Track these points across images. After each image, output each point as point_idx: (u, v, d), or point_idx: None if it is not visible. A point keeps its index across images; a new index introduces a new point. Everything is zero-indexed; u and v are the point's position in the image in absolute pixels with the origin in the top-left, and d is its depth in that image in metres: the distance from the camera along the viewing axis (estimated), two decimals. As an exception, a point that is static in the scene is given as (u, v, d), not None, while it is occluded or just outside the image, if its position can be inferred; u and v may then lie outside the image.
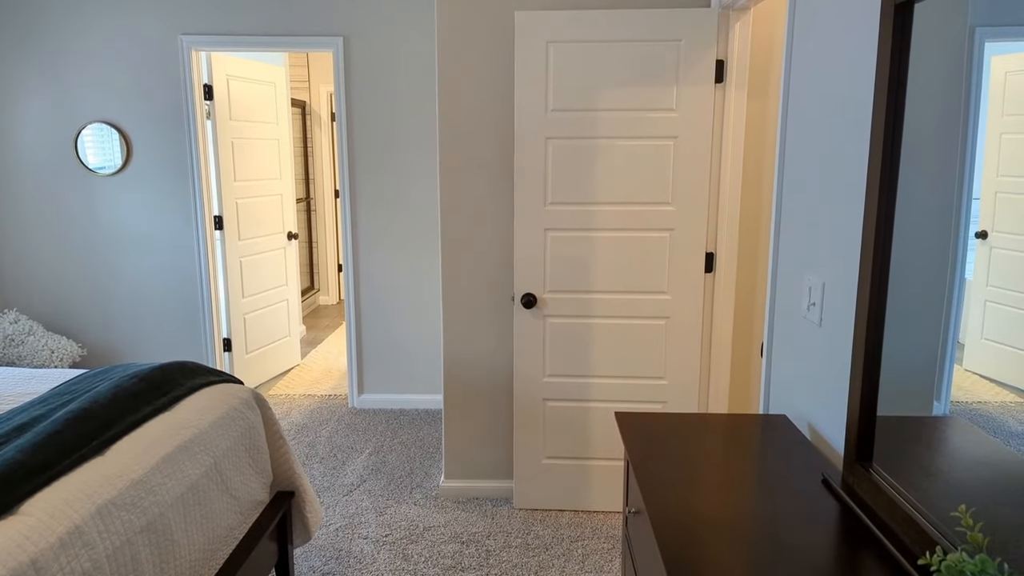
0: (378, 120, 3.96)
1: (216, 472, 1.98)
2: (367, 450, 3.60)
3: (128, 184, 4.11)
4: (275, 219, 4.79)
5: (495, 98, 2.83)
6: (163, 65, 3.96)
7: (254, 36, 3.90)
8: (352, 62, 3.91)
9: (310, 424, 3.95)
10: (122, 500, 1.58)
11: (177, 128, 4.04)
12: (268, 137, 4.68)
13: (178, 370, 2.21)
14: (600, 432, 2.93)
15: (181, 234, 4.15)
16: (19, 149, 4.08)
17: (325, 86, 6.65)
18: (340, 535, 2.79)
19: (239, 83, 4.35)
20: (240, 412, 2.22)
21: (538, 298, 2.84)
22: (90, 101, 4.02)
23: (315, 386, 4.60)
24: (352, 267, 4.12)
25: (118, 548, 1.52)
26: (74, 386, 2.08)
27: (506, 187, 2.89)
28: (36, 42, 3.96)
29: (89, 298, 4.25)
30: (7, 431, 1.73)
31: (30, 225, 4.17)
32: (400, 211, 4.05)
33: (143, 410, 1.93)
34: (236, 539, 2.06)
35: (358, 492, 3.15)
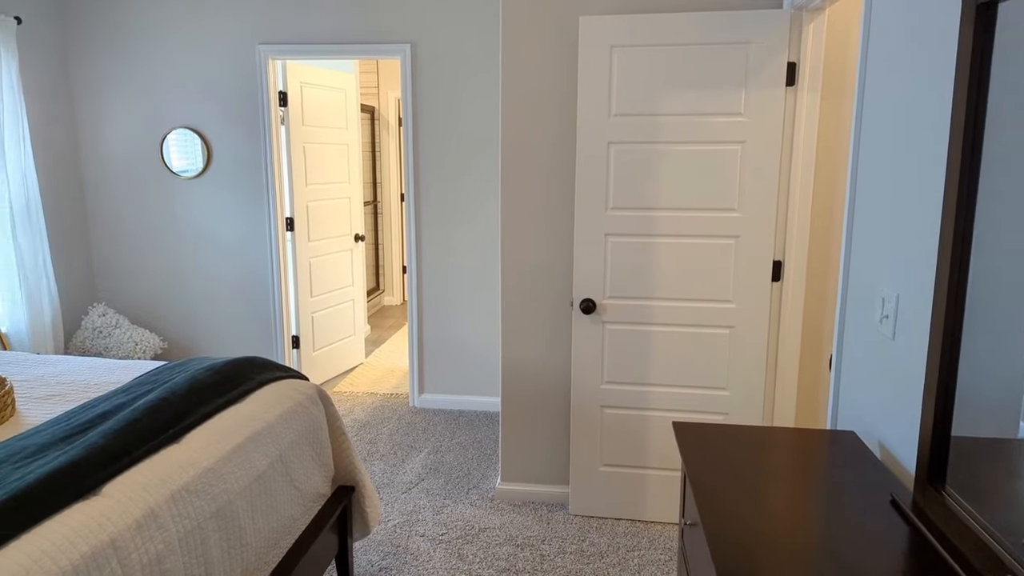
0: (443, 125, 4.03)
1: (281, 464, 2.05)
2: (426, 449, 3.66)
3: (208, 187, 4.31)
4: (343, 221, 4.93)
5: (557, 103, 2.83)
6: (242, 73, 4.14)
7: (327, 44, 4.03)
8: (419, 68, 3.99)
9: (372, 421, 4.04)
10: (194, 486, 1.66)
11: (254, 133, 4.21)
12: (338, 142, 4.83)
13: (248, 365, 2.30)
14: (659, 441, 2.89)
15: (255, 235, 4.33)
16: (110, 152, 4.34)
17: (393, 92, 6.80)
18: (398, 531, 2.85)
19: (312, 90, 4.51)
20: (305, 407, 2.29)
21: (597, 304, 2.83)
22: (176, 108, 4.24)
23: (378, 384, 4.70)
24: (415, 269, 4.19)
25: (189, 532, 1.59)
26: (154, 377, 2.20)
27: (567, 192, 2.89)
28: (129, 53, 4.20)
29: (170, 294, 4.47)
30: (92, 417, 1.84)
31: (118, 224, 4.43)
32: (463, 215, 4.10)
33: (216, 402, 2.02)
34: (299, 529, 2.13)
35: (416, 490, 3.21)
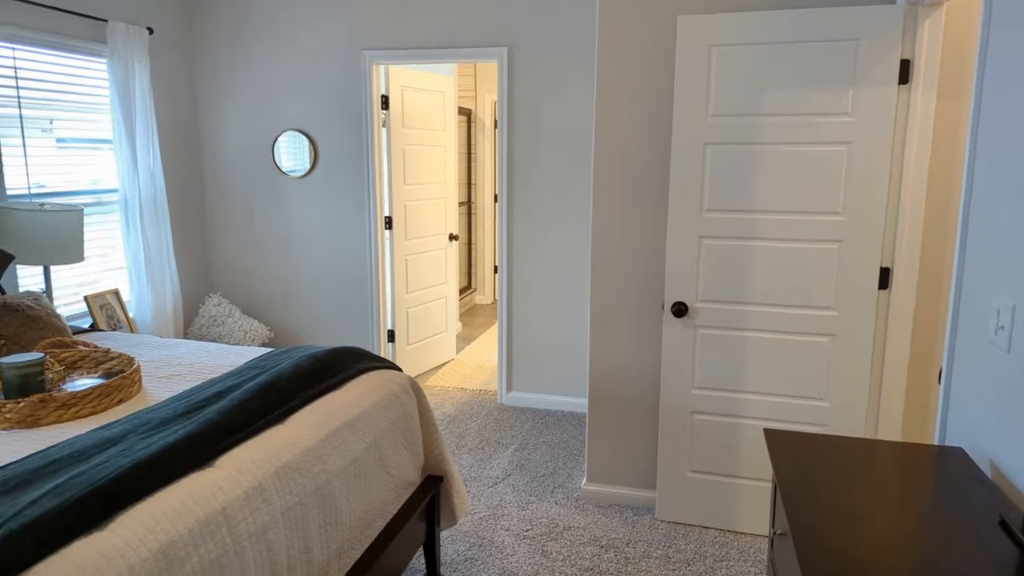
0: (537, 127, 4.07)
1: (375, 449, 2.15)
2: (513, 446, 3.71)
3: (314, 186, 4.54)
4: (438, 221, 5.07)
5: (652, 104, 2.81)
6: (348, 78, 4.34)
7: (427, 49, 4.16)
8: (515, 71, 4.05)
9: (461, 416, 4.13)
10: (297, 464, 1.77)
11: (357, 135, 4.40)
12: (436, 144, 4.97)
13: (347, 354, 2.42)
14: (752, 451, 2.81)
15: (356, 232, 4.52)
16: (227, 153, 4.65)
17: (490, 94, 6.92)
18: (483, 524, 2.91)
19: (412, 93, 4.66)
20: (398, 397, 2.38)
21: (689, 307, 2.78)
22: (287, 111, 4.49)
23: (467, 380, 4.80)
24: (506, 269, 4.26)
25: (291, 507, 1.70)
26: (262, 362, 2.35)
27: (660, 194, 2.86)
28: (246, 60, 4.50)
29: (277, 286, 4.74)
30: (208, 396, 1.99)
31: (233, 220, 4.74)
32: (554, 216, 4.13)
33: (317, 387, 2.14)
34: (390, 514, 2.22)
35: (502, 485, 3.26)
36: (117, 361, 2.28)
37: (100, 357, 2.30)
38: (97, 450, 1.57)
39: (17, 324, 2.30)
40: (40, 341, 2.32)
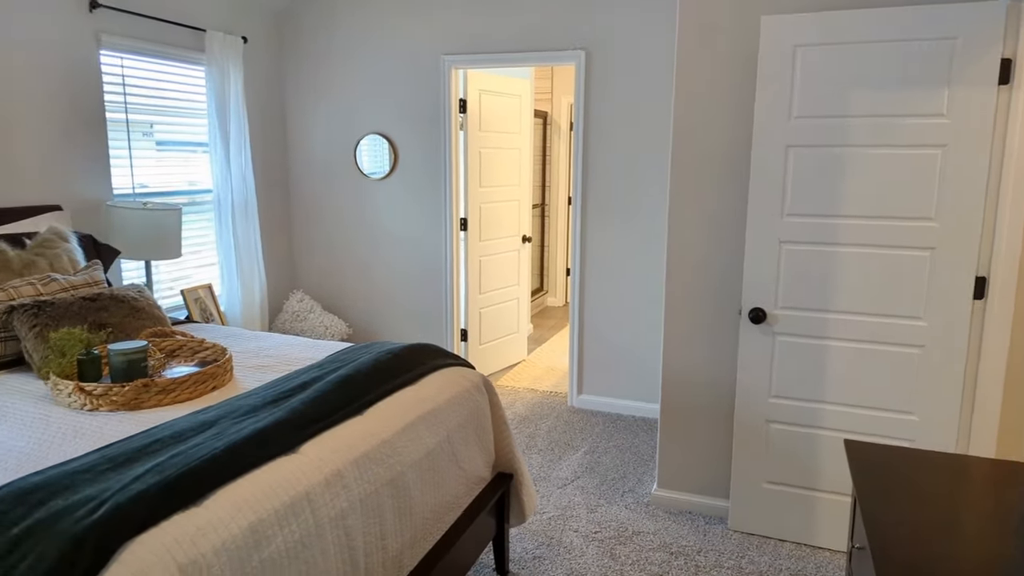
0: (613, 130, 4.06)
1: (448, 444, 2.20)
2: (582, 448, 3.71)
3: (393, 187, 4.67)
4: (512, 222, 5.12)
5: (732, 106, 2.76)
6: (427, 83, 4.45)
7: (506, 53, 4.22)
8: (592, 74, 4.05)
9: (531, 416, 4.16)
10: (374, 454, 1.83)
11: (435, 138, 4.50)
12: (511, 146, 5.02)
13: (422, 351, 2.49)
14: (832, 463, 2.71)
15: (432, 233, 4.62)
16: (312, 156, 4.85)
17: (566, 97, 6.93)
18: (552, 524, 2.92)
19: (489, 97, 4.73)
20: (471, 394, 2.43)
21: (768, 314, 2.71)
22: (369, 115, 4.64)
23: (538, 382, 4.83)
24: (579, 271, 4.26)
25: (369, 495, 1.77)
26: (342, 356, 2.44)
27: (738, 197, 2.81)
28: (332, 67, 4.67)
29: (356, 284, 4.90)
30: (293, 387, 2.08)
31: (316, 220, 4.93)
32: (628, 219, 4.10)
33: (394, 382, 2.21)
34: (461, 508, 2.27)
35: (571, 487, 3.26)
36: (211, 351, 2.42)
37: (196, 347, 2.45)
38: (193, 432, 1.68)
39: (123, 314, 2.48)
40: (143, 330, 2.49)
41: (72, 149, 3.37)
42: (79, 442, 1.70)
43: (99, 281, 2.69)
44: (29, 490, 1.35)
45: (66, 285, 2.55)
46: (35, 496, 1.33)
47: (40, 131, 3.22)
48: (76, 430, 1.77)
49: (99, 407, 1.92)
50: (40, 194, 3.24)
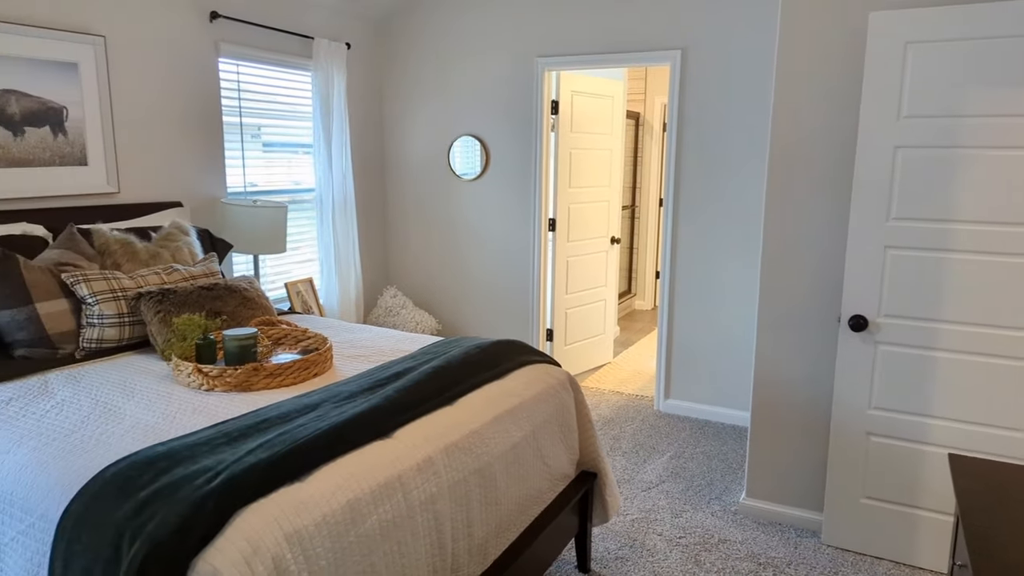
0: (708, 130, 3.98)
1: (533, 439, 2.24)
2: (668, 453, 3.66)
3: (483, 188, 4.77)
4: (601, 224, 5.11)
5: (833, 106, 2.66)
6: (520, 85, 4.51)
7: (599, 54, 4.22)
8: (688, 74, 3.99)
9: (616, 419, 4.14)
10: (463, 444, 1.89)
11: (526, 140, 4.56)
12: (602, 147, 5.02)
13: (510, 347, 2.54)
14: (937, 480, 2.57)
15: (520, 233, 4.68)
16: (408, 157, 5.02)
17: (660, 97, 6.84)
18: (635, 526, 2.91)
19: (582, 98, 4.75)
20: (557, 391, 2.46)
21: (870, 321, 2.60)
22: (462, 117, 4.76)
23: (624, 384, 4.80)
24: (669, 274, 4.20)
25: (457, 482, 1.83)
26: (434, 349, 2.52)
27: (838, 200, 2.70)
28: (428, 71, 4.82)
29: (447, 281, 5.03)
30: (388, 376, 2.18)
31: (410, 219, 5.10)
32: (721, 222, 4.01)
33: (482, 375, 2.27)
34: (544, 503, 2.30)
35: (656, 491, 3.23)
36: (313, 340, 2.56)
37: (299, 336, 2.60)
38: (298, 414, 1.79)
39: (235, 303, 2.66)
40: (253, 319, 2.66)
41: (192, 150, 3.64)
42: (197, 418, 1.85)
43: (215, 272, 2.90)
44: (155, 458, 1.48)
45: (186, 275, 2.76)
46: (160, 464, 1.46)
47: (165, 133, 3.50)
48: (194, 407, 1.93)
49: (214, 387, 2.08)
50: (163, 191, 3.52)
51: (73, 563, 1.32)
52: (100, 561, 1.29)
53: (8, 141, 2.84)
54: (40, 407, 1.89)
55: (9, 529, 1.53)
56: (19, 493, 1.53)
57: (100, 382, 2.11)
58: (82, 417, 1.82)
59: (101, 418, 1.82)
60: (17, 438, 1.70)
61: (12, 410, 1.87)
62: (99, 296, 2.43)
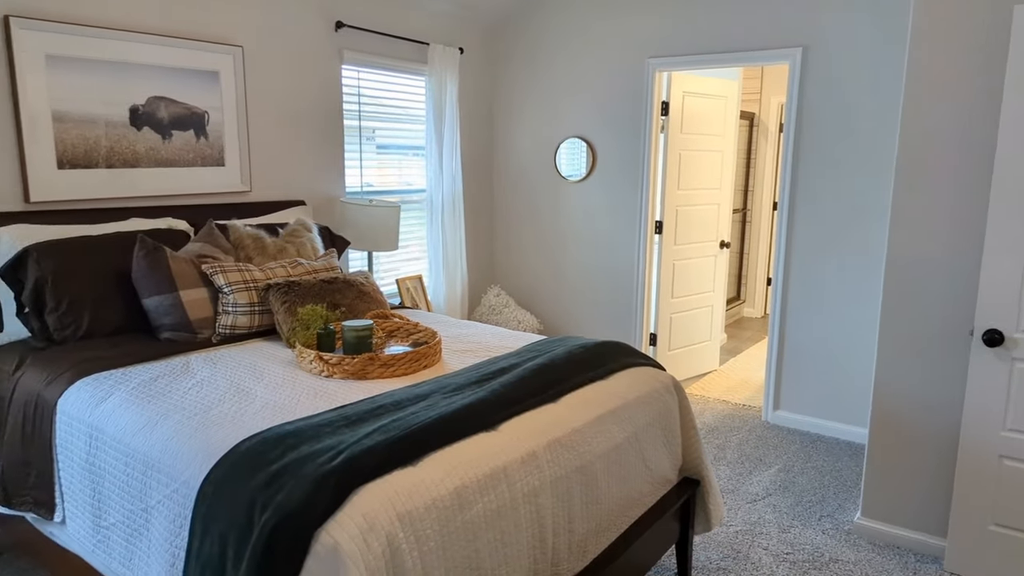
0: (828, 132, 3.80)
1: (636, 441, 2.23)
2: (776, 466, 3.53)
3: (589, 190, 4.77)
4: (710, 227, 4.98)
5: (968, 104, 2.48)
6: (629, 86, 4.48)
7: (713, 54, 4.13)
8: (808, 73, 3.83)
9: (721, 428, 4.04)
10: (566, 440, 1.92)
11: (634, 141, 4.52)
12: (713, 149, 4.90)
13: (614, 348, 2.54)
14: (1081, 513, 2.34)
15: (625, 235, 4.65)
16: (515, 159, 5.10)
17: (776, 97, 6.59)
18: (739, 538, 2.83)
19: (693, 99, 4.66)
20: (660, 394, 2.43)
21: (1006, 337, 2.40)
22: (570, 119, 4.79)
23: (730, 393, 4.66)
24: (782, 281, 4.05)
25: (559, 478, 1.86)
26: (537, 347, 2.56)
27: (972, 205, 2.51)
28: (537, 74, 4.88)
29: (549, 282, 5.08)
30: (494, 371, 2.24)
31: (515, 219, 5.18)
32: (840, 227, 3.82)
33: (586, 375, 2.28)
34: (645, 506, 2.29)
35: (762, 504, 3.13)
36: (423, 334, 2.67)
37: (410, 329, 2.71)
38: (409, 403, 1.88)
39: (353, 296, 2.82)
40: (368, 311, 2.81)
41: (315, 152, 3.88)
42: (318, 401, 1.98)
43: (335, 267, 3.08)
44: (284, 436, 1.61)
45: (309, 269, 2.95)
46: (288, 441, 1.58)
47: (292, 136, 3.75)
48: (315, 391, 2.06)
49: (333, 374, 2.21)
50: (289, 191, 3.77)
51: (211, 527, 1.46)
52: (235, 527, 1.41)
53: (158, 144, 3.13)
54: (183, 385, 2.09)
55: (156, 492, 1.70)
56: (165, 461, 1.70)
57: (233, 365, 2.29)
58: (219, 395, 2.00)
59: (235, 397, 1.99)
60: (164, 411, 1.88)
61: (159, 386, 2.07)
62: (234, 286, 2.64)
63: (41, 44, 2.69)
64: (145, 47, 3.02)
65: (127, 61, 2.96)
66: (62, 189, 2.82)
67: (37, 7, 2.68)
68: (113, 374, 2.15)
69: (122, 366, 2.22)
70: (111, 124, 2.94)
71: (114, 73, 2.92)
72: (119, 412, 1.91)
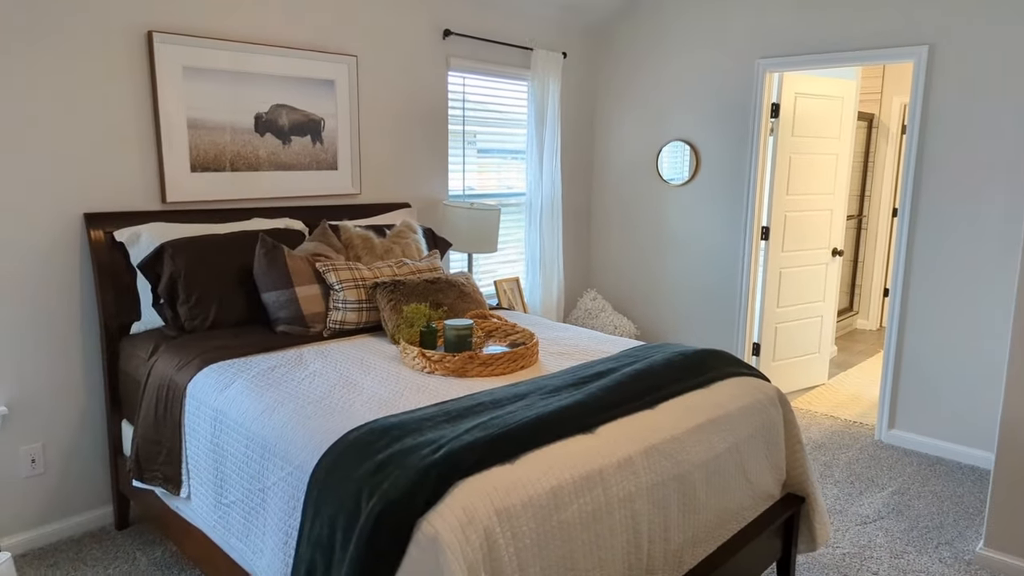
0: (959, 134, 3.54)
1: (736, 452, 2.17)
2: (890, 488, 3.32)
3: (691, 194, 4.67)
4: (821, 234, 4.76)
5: None
6: (737, 87, 4.35)
7: (829, 53, 3.94)
8: (935, 72, 3.59)
9: (828, 445, 3.84)
10: (663, 448, 1.89)
11: (741, 144, 4.39)
12: (827, 152, 4.67)
13: (716, 356, 2.47)
14: None
15: (728, 241, 4.51)
16: (615, 162, 5.06)
17: (899, 97, 6.21)
18: (847, 561, 2.68)
19: (806, 100, 4.46)
20: (764, 406, 2.35)
21: None
22: (674, 122, 4.70)
23: (839, 409, 4.43)
24: (900, 292, 3.80)
25: (655, 485, 1.83)
26: (635, 352, 2.54)
27: None
28: (641, 76, 4.83)
29: (647, 287, 5.00)
30: (591, 375, 2.23)
31: (614, 223, 5.14)
32: (968, 236, 3.55)
33: (686, 382, 2.24)
34: (745, 520, 2.22)
35: (873, 527, 2.95)
36: (521, 335, 2.70)
37: (508, 330, 2.75)
38: (508, 402, 1.92)
39: (454, 296, 2.90)
40: (468, 311, 2.87)
41: (420, 156, 4.01)
42: (420, 396, 2.05)
43: (437, 267, 3.17)
44: (389, 427, 1.68)
45: (414, 269, 3.05)
46: (393, 433, 1.65)
47: (398, 141, 3.89)
48: (418, 386, 2.14)
49: (435, 371, 2.28)
50: (395, 193, 3.91)
51: (322, 510, 1.54)
52: (344, 511, 1.49)
53: (279, 148, 3.34)
54: (297, 375, 2.22)
55: (271, 475, 1.81)
56: (281, 445, 1.81)
57: (342, 358, 2.41)
58: (329, 387, 2.11)
59: (344, 389, 2.09)
60: (280, 399, 2.01)
61: (276, 376, 2.21)
62: (344, 284, 2.78)
63: (179, 57, 2.93)
64: (270, 58, 3.22)
65: (253, 72, 3.17)
66: (193, 191, 3.05)
67: (176, 23, 2.92)
68: (235, 363, 2.31)
69: (243, 355, 2.39)
70: (236, 130, 3.16)
71: (241, 83, 3.14)
72: (241, 398, 2.06)
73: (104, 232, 2.73)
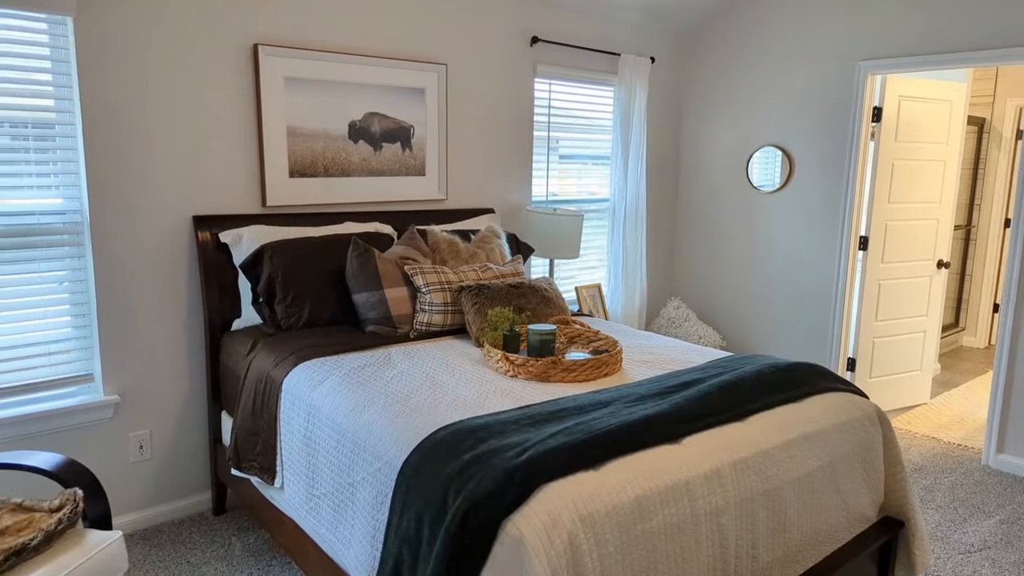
0: (1085, 135, 3.27)
1: (830, 471, 2.07)
2: (998, 516, 3.09)
3: (783, 201, 4.50)
4: (925, 245, 4.49)
5: None
6: (835, 90, 4.18)
7: (938, 55, 3.73)
8: (1059, 68, 3.33)
9: (929, 467, 3.61)
10: (751, 462, 1.83)
11: (838, 150, 4.20)
12: (933, 158, 4.41)
13: (810, 371, 2.38)
14: None
15: (823, 250, 4.33)
16: (702, 168, 4.95)
17: (1014, 100, 5.80)
18: (948, 593, 2.52)
19: (910, 103, 4.23)
20: (861, 424, 2.24)
21: None
22: (765, 126, 4.56)
23: (942, 430, 4.16)
24: (1012, 308, 3.54)
25: (743, 500, 1.78)
26: (723, 363, 2.47)
27: None
28: (730, 80, 4.71)
29: (734, 296, 4.86)
30: (676, 384, 2.19)
31: (700, 231, 5.02)
32: (1099, 246, 3.26)
33: (777, 396, 2.16)
34: (838, 542, 2.12)
35: (978, 556, 2.76)
36: (603, 342, 2.68)
37: (591, 336, 2.74)
38: (592, 408, 1.91)
39: (537, 301, 2.91)
40: (551, 317, 2.88)
41: (505, 162, 4.05)
42: (504, 399, 2.07)
43: (520, 272, 3.19)
44: (475, 428, 1.70)
45: (498, 273, 3.08)
46: (478, 434, 1.68)
47: (484, 147, 3.94)
48: (501, 389, 2.16)
49: (518, 374, 2.30)
50: (480, 199, 3.97)
51: (410, 506, 1.58)
52: (431, 508, 1.52)
53: (370, 155, 3.45)
54: (385, 374, 2.28)
55: (361, 469, 1.87)
56: (370, 441, 1.87)
57: (428, 359, 2.47)
58: (416, 386, 2.16)
59: (430, 389, 2.13)
60: (370, 396, 2.07)
61: (365, 374, 2.28)
62: (431, 287, 2.84)
63: (281, 68, 3.08)
64: (364, 68, 3.34)
65: (348, 81, 3.30)
66: (290, 195, 3.20)
67: (278, 35, 3.08)
68: (328, 360, 2.40)
69: (335, 354, 2.48)
70: (331, 137, 3.29)
71: (337, 92, 3.27)
72: (333, 394, 2.13)
73: (211, 234, 2.90)
